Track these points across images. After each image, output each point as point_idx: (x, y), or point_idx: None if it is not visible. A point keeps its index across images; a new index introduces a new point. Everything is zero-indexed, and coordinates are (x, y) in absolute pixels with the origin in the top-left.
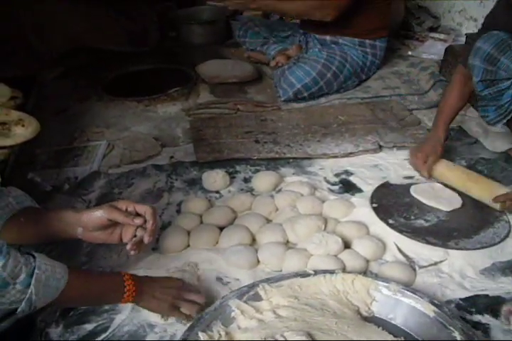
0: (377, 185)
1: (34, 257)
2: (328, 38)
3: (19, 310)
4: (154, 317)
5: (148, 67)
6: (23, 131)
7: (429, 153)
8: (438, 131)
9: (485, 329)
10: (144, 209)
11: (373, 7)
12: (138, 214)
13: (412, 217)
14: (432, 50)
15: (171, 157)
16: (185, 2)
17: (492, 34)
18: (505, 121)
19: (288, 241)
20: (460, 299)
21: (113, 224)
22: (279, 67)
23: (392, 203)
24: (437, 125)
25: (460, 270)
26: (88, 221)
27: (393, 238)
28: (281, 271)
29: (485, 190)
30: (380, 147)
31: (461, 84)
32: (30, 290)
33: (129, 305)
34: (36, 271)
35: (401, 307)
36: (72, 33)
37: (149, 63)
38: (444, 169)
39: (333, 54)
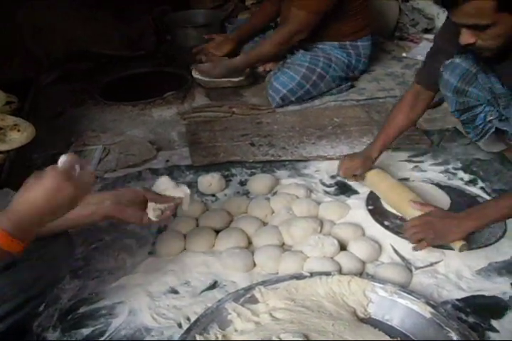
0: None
1: None
2: (306, 45)
3: None
4: (151, 321)
5: (144, 70)
6: (19, 136)
7: (358, 166)
8: (372, 151)
9: (482, 329)
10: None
11: (348, 12)
12: None
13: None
14: (427, 51)
15: (167, 161)
16: (180, 6)
17: (455, 65)
18: (484, 139)
19: (284, 244)
20: (456, 300)
21: None
22: (268, 73)
23: (387, 205)
24: (374, 144)
25: (456, 270)
26: None
27: (389, 239)
28: (277, 273)
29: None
30: None
31: (409, 107)
32: None
33: (126, 309)
34: None
35: (397, 309)
36: (69, 38)
37: (145, 67)
38: (374, 178)
39: (317, 56)
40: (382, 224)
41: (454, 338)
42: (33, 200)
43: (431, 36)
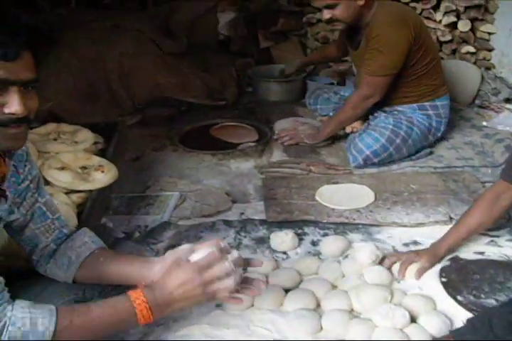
0: (446, 259)
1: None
2: (387, 108)
3: None
4: None
5: (224, 121)
6: (102, 176)
7: (424, 261)
8: (440, 248)
9: None
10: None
11: (420, 73)
12: None
13: (483, 296)
14: (508, 121)
15: (241, 213)
16: (263, 60)
17: None
18: None
19: (353, 310)
20: None
21: None
22: (353, 133)
23: (461, 279)
24: (443, 240)
25: None
26: None
27: (462, 316)
28: (344, 340)
29: None
30: (451, 219)
31: (490, 203)
32: None
33: None
34: (10, 328)
35: None
36: (154, 84)
37: (226, 117)
38: None
39: (400, 119)
40: (455, 299)
41: None
42: (171, 287)
43: None
